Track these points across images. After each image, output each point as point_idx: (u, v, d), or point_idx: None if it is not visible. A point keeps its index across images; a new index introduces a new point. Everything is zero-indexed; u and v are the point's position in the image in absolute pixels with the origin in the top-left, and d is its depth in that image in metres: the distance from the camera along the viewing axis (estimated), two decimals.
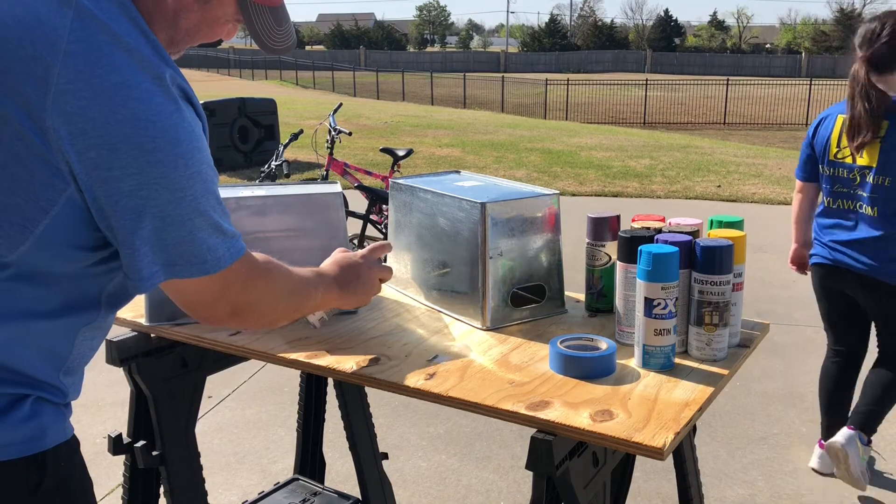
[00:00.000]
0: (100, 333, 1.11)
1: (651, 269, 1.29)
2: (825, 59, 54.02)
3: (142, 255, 0.97)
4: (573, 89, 22.71)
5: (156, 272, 0.99)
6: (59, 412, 1.05)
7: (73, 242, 0.97)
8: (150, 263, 0.98)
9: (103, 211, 0.94)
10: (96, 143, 0.90)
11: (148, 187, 0.93)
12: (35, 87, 0.89)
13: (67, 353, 1.05)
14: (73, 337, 1.04)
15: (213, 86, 30.26)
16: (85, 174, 0.91)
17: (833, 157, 2.75)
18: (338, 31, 78.54)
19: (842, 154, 2.73)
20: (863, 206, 2.69)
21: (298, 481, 2.28)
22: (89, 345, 1.09)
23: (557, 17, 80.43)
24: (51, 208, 0.93)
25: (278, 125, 11.14)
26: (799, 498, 2.86)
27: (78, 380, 1.10)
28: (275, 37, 1.15)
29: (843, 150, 2.72)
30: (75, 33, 0.91)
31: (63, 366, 1.05)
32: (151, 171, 0.93)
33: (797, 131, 19.14)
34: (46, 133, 0.90)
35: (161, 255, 0.98)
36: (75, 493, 1.06)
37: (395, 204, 1.79)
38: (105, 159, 0.91)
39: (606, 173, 10.10)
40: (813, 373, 3.95)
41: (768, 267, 5.87)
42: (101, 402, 3.55)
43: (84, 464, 1.10)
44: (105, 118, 0.90)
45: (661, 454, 1.07)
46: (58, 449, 1.02)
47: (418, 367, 1.35)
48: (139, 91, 0.92)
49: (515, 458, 3.11)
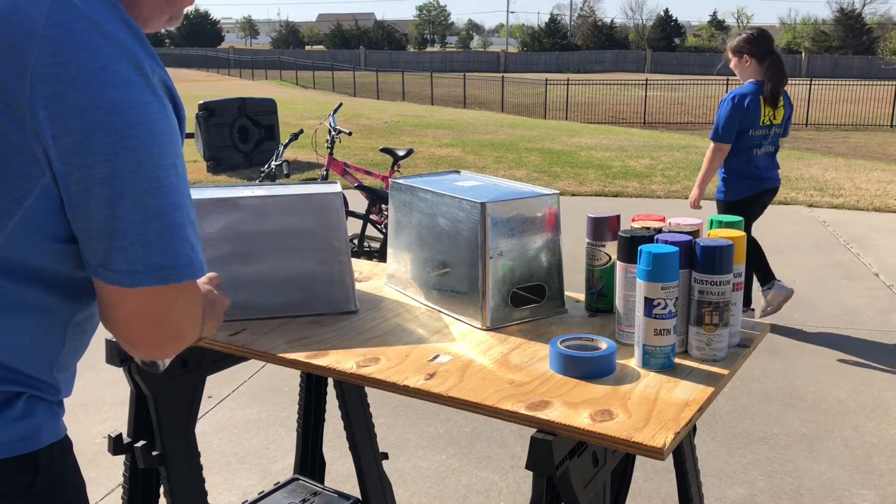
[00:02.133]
0: (90, 328, 1.09)
1: (651, 269, 1.29)
2: (825, 59, 54.02)
3: (121, 249, 0.92)
4: (573, 89, 22.70)
5: (137, 271, 0.92)
6: (53, 410, 1.04)
7: (51, 234, 0.94)
8: (131, 261, 0.92)
9: (74, 200, 0.91)
10: (72, 128, 0.88)
11: (123, 176, 0.90)
12: (12, 73, 0.88)
13: (59, 349, 1.03)
14: (62, 332, 1.03)
15: (213, 86, 30.25)
16: (60, 161, 0.89)
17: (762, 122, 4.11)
18: (338, 31, 78.52)
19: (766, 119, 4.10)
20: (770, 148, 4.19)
21: (298, 481, 2.28)
22: (80, 339, 1.08)
23: (557, 17, 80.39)
24: (25, 199, 0.91)
25: (278, 125, 11.14)
26: (799, 498, 2.86)
27: (70, 377, 1.09)
28: None
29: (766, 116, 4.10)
30: (52, 18, 0.89)
31: (56, 362, 1.03)
32: (126, 158, 0.89)
33: (797, 131, 19.13)
34: (24, 120, 0.88)
35: (143, 252, 0.92)
36: (68, 493, 1.05)
37: (395, 204, 1.79)
38: (80, 145, 0.89)
39: (606, 173, 10.10)
40: (813, 373, 3.96)
41: None
42: (101, 402, 3.55)
43: (76, 463, 1.09)
44: (82, 103, 0.88)
45: (661, 454, 1.07)
46: (51, 448, 1.01)
47: (418, 367, 1.35)
48: (117, 78, 0.90)
49: (515, 458, 3.11)
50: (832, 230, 7.14)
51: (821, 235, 6.95)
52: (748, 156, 4.12)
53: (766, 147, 4.17)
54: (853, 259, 6.15)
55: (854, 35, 65.39)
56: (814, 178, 10.02)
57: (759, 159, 4.15)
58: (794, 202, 8.43)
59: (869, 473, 3.02)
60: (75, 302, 1.03)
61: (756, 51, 4.07)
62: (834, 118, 20.58)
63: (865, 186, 9.35)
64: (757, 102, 4.04)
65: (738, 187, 4.16)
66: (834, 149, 14.87)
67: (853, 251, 6.38)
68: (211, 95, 13.92)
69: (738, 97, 4.06)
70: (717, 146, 4.08)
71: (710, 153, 4.15)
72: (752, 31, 4.17)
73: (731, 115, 4.02)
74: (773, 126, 4.13)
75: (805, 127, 20.10)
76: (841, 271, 5.81)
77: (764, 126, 4.09)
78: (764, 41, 4.12)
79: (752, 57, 4.09)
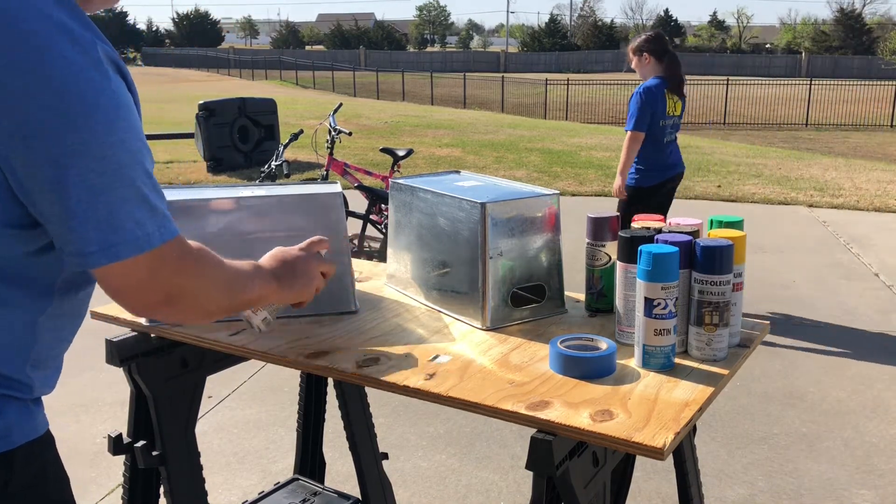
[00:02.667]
0: (68, 323, 1.07)
1: (651, 269, 1.29)
2: (825, 59, 54.03)
3: (71, 230, 0.91)
4: (573, 89, 22.70)
5: (93, 252, 0.92)
6: (26, 408, 1.02)
7: (4, 220, 0.92)
8: (84, 242, 0.91)
9: (23, 183, 0.90)
10: (12, 109, 0.87)
11: (68, 155, 0.88)
12: None
13: (30, 345, 1.01)
14: (32, 327, 1.01)
15: (213, 86, 30.26)
16: (4, 145, 0.88)
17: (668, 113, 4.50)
18: (338, 31, 78.52)
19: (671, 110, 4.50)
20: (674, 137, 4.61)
21: (298, 481, 2.28)
22: (57, 335, 1.05)
23: (557, 17, 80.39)
24: None
25: (278, 125, 11.14)
26: (799, 498, 2.86)
27: (51, 373, 1.07)
28: None
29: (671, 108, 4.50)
30: None
31: (28, 358, 1.01)
32: (70, 138, 0.88)
33: (797, 131, 19.14)
34: None
35: (94, 232, 0.91)
36: (50, 491, 1.03)
37: (395, 204, 1.79)
38: (22, 126, 0.87)
39: (606, 173, 10.10)
40: (813, 373, 3.96)
41: (768, 267, 5.87)
42: (101, 402, 3.55)
43: (59, 460, 1.07)
44: (23, 84, 0.87)
45: (661, 454, 1.07)
46: (30, 446, 1.00)
47: (418, 367, 1.35)
48: (57, 56, 0.88)
49: (515, 458, 3.11)
50: (832, 230, 7.14)
51: (821, 235, 6.95)
52: (660, 144, 4.53)
53: (672, 135, 4.61)
54: (853, 259, 6.15)
55: (854, 35, 65.40)
56: (814, 178, 10.02)
57: (668, 147, 4.58)
58: (794, 202, 8.43)
59: (869, 473, 3.02)
60: (44, 295, 1.01)
61: (655, 49, 4.53)
62: (834, 118, 20.58)
63: (865, 186, 9.35)
64: (663, 95, 4.47)
65: (652, 174, 4.55)
66: (834, 149, 14.88)
67: (853, 251, 6.38)
68: (211, 95, 13.92)
69: (646, 91, 4.44)
70: (633, 135, 4.44)
71: (627, 143, 4.48)
72: (649, 33, 4.66)
73: (642, 107, 4.41)
74: (675, 117, 4.58)
75: (805, 127, 20.10)
76: (841, 271, 5.81)
77: (670, 116, 4.53)
78: (661, 41, 4.60)
79: (651, 55, 4.53)
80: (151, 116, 17.32)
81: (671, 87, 4.51)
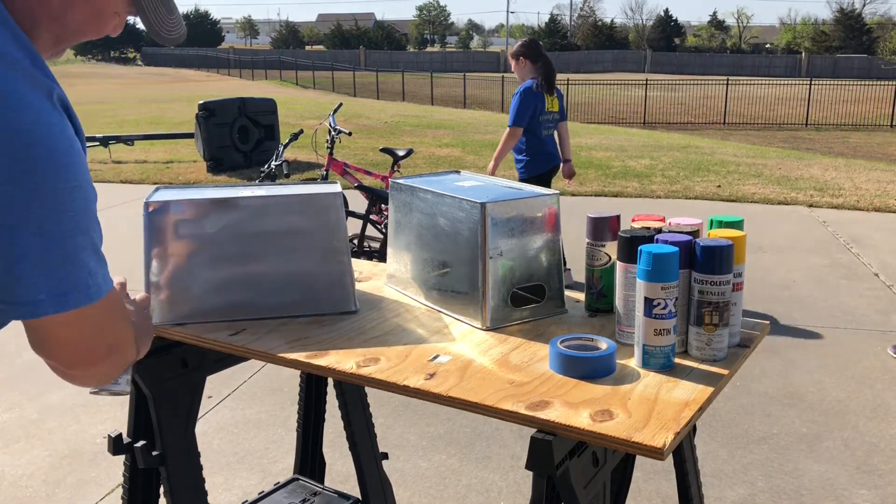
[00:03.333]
0: None
1: (651, 269, 1.29)
2: (825, 59, 54.03)
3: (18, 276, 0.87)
4: (573, 89, 22.70)
5: (41, 300, 0.88)
6: None
7: None
8: (33, 290, 0.88)
9: None
10: None
11: (24, 202, 0.85)
12: None
13: None
14: None
15: (213, 86, 30.26)
16: None
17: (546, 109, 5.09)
18: (338, 31, 78.52)
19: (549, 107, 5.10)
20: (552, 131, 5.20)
21: (298, 481, 2.28)
22: None
23: (557, 17, 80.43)
24: None
25: (278, 125, 11.14)
26: (799, 498, 2.86)
27: None
28: (168, 26, 1.08)
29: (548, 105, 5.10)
30: None
31: None
32: (27, 183, 0.85)
33: (797, 131, 19.15)
34: None
35: (45, 280, 0.88)
36: None
37: (395, 204, 1.79)
38: None
39: (606, 173, 10.10)
40: (813, 373, 3.96)
41: (768, 267, 5.87)
42: (101, 402, 3.55)
43: None
44: None
45: (661, 454, 1.07)
46: None
47: (418, 367, 1.35)
48: (14, 100, 0.86)
49: (515, 458, 3.11)
50: (832, 230, 7.14)
51: (821, 235, 6.95)
52: (541, 137, 5.10)
53: (551, 130, 5.21)
54: (853, 259, 6.15)
55: (854, 35, 65.41)
56: (814, 178, 10.02)
57: (547, 140, 5.17)
58: (794, 202, 8.43)
59: (869, 473, 3.02)
60: None
61: (529, 54, 5.13)
62: (834, 118, 20.59)
63: (865, 186, 9.35)
64: (540, 93, 5.05)
65: (535, 164, 5.11)
66: (834, 149, 14.88)
67: (853, 251, 6.38)
68: (211, 95, 13.92)
69: (526, 90, 5.03)
70: (512, 130, 5.01)
71: (505, 136, 5.05)
72: (525, 39, 5.29)
73: (522, 105, 4.99)
74: (553, 112, 5.16)
75: (805, 127, 20.11)
76: (841, 271, 5.81)
77: (549, 112, 5.12)
78: (536, 47, 5.22)
79: (527, 59, 5.14)
80: (151, 116, 17.33)
81: (546, 87, 5.10)
